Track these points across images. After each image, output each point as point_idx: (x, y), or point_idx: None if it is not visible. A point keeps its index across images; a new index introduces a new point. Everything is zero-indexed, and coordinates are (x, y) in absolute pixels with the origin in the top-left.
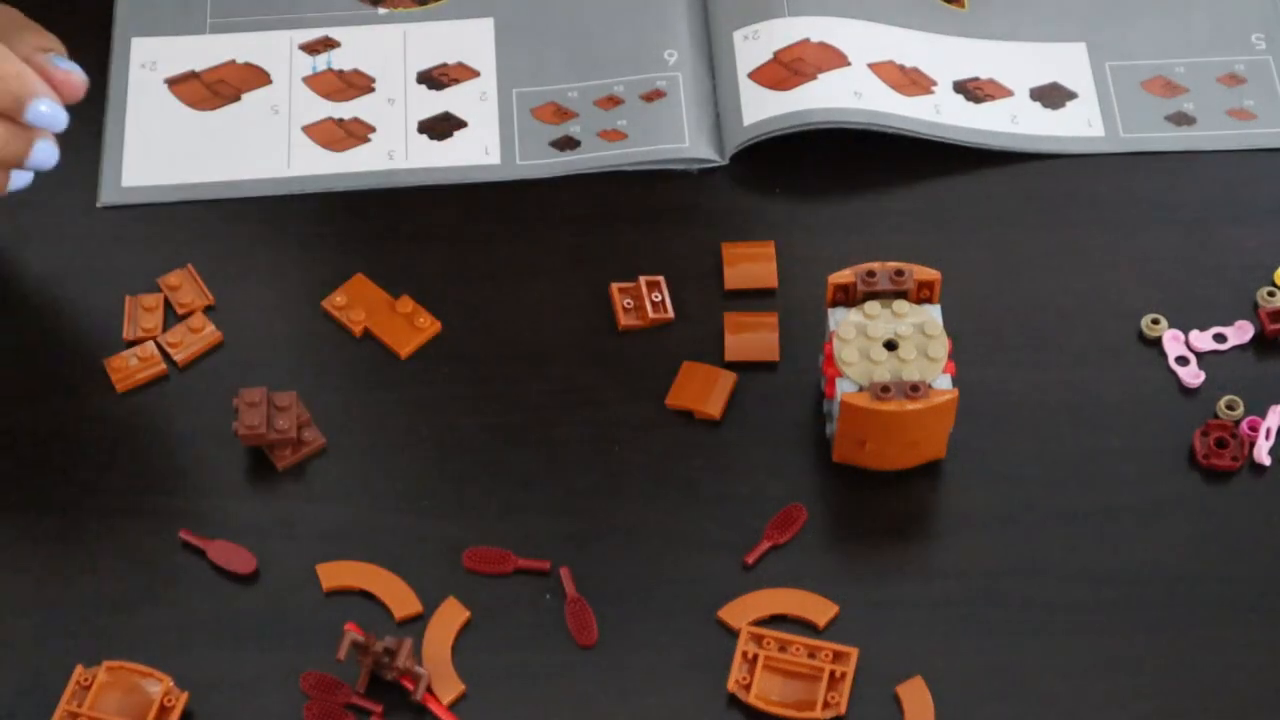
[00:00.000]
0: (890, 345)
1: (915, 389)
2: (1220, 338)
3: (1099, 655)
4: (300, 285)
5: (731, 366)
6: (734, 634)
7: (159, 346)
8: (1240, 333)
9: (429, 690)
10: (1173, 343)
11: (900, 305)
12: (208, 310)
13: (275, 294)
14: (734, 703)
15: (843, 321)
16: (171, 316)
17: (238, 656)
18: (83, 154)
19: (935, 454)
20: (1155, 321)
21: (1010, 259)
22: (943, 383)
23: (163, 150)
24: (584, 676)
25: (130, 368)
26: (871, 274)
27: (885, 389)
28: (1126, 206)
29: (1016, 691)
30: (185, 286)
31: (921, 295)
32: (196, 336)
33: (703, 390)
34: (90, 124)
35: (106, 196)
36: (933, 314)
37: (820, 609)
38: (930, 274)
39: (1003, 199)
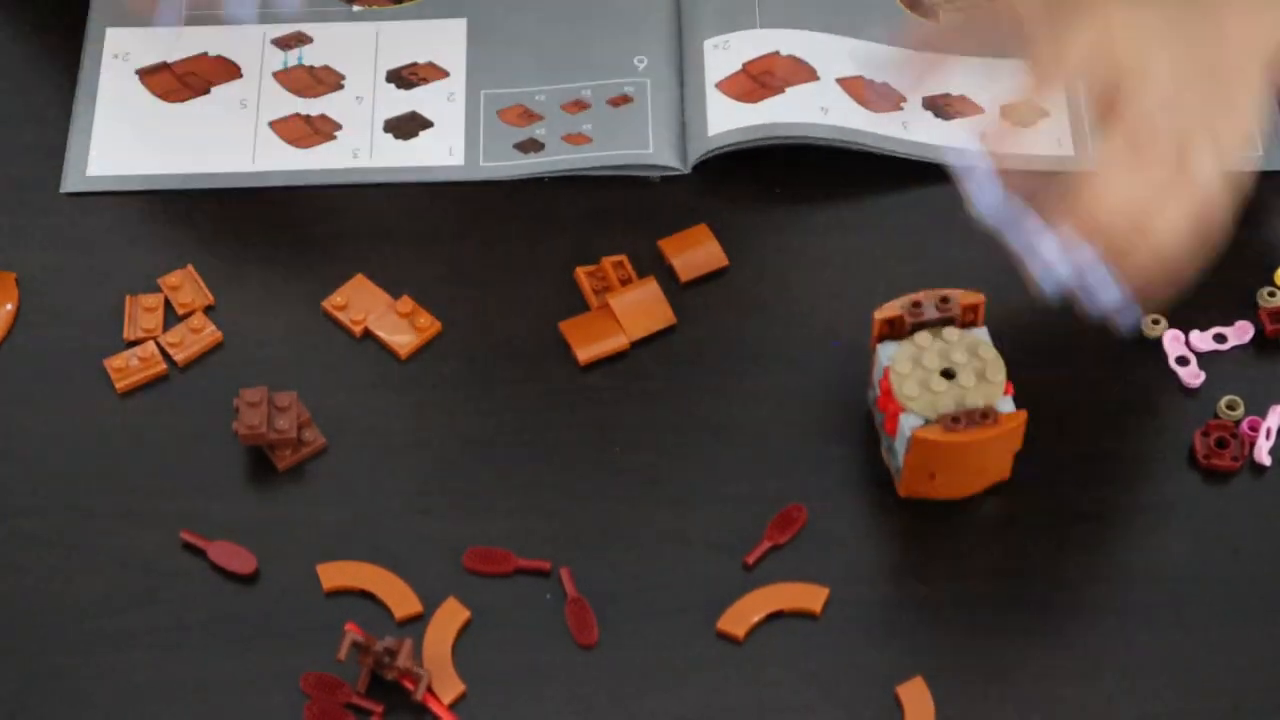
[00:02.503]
0: (947, 374)
1: (985, 415)
2: (1220, 338)
3: (1099, 655)
4: (300, 285)
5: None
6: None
7: (159, 346)
8: (1240, 333)
9: (429, 690)
10: (1173, 343)
11: (949, 332)
12: (208, 310)
13: (275, 294)
14: (735, 703)
15: (897, 355)
16: (171, 316)
17: (238, 656)
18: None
19: (1001, 476)
20: (1155, 321)
21: (1008, 259)
22: (1005, 405)
23: (129, 141)
24: (584, 676)
25: (130, 368)
26: (918, 305)
27: (956, 419)
28: None
29: (1016, 691)
30: (185, 286)
31: (967, 319)
32: (196, 336)
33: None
34: (60, 113)
35: (70, 184)
36: (982, 337)
37: (812, 596)
38: (975, 297)
39: None
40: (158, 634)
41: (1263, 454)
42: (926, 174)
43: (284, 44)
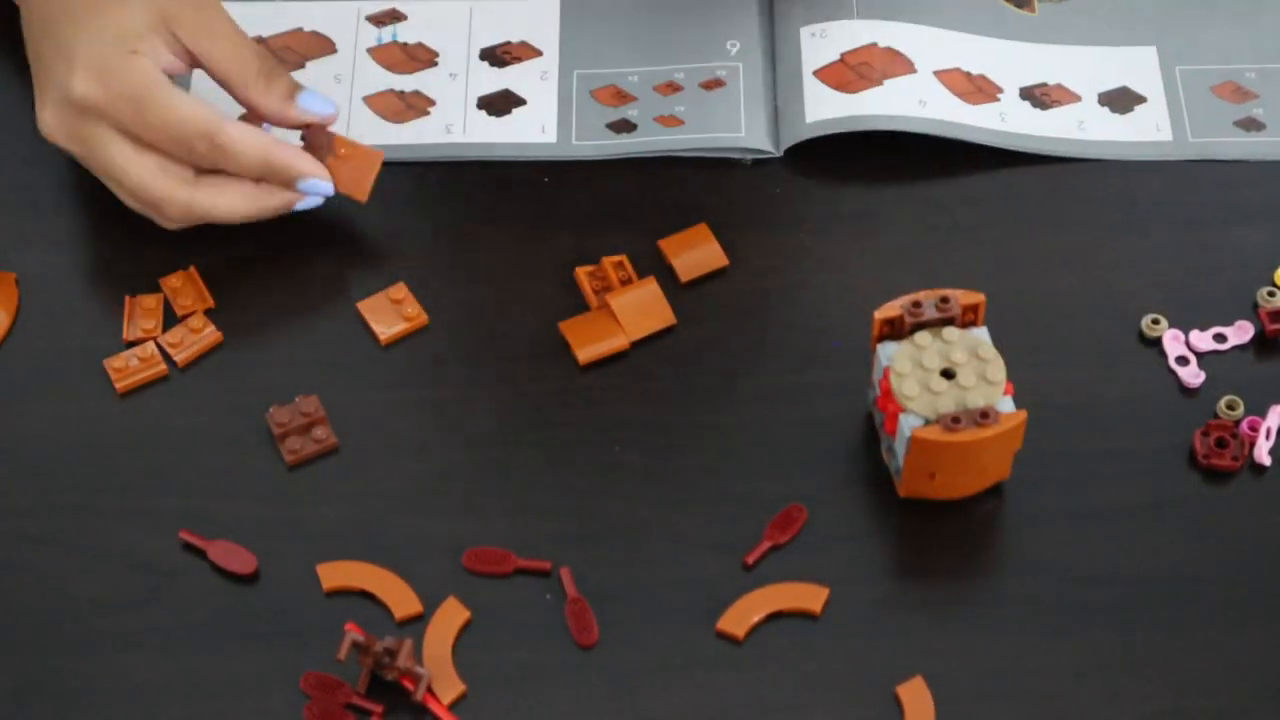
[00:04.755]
0: (947, 374)
1: (985, 415)
2: (1220, 338)
3: (1099, 655)
4: (300, 285)
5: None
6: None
7: (159, 347)
8: (1240, 333)
9: (429, 690)
10: (1173, 343)
11: (950, 332)
12: (207, 311)
13: (275, 295)
14: (735, 703)
15: (897, 355)
16: (171, 317)
17: (238, 656)
18: None
19: (1001, 476)
20: (1155, 321)
21: (1010, 259)
22: (1005, 405)
23: (225, 112)
24: (584, 676)
25: (130, 368)
26: (918, 304)
27: (956, 419)
28: (1126, 207)
29: (1016, 691)
30: (186, 288)
31: (967, 319)
32: (196, 337)
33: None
34: None
35: None
36: (982, 337)
37: (812, 596)
38: (975, 297)
39: (1003, 200)
40: (158, 634)
41: (1262, 454)
42: (957, 163)
43: (378, 21)
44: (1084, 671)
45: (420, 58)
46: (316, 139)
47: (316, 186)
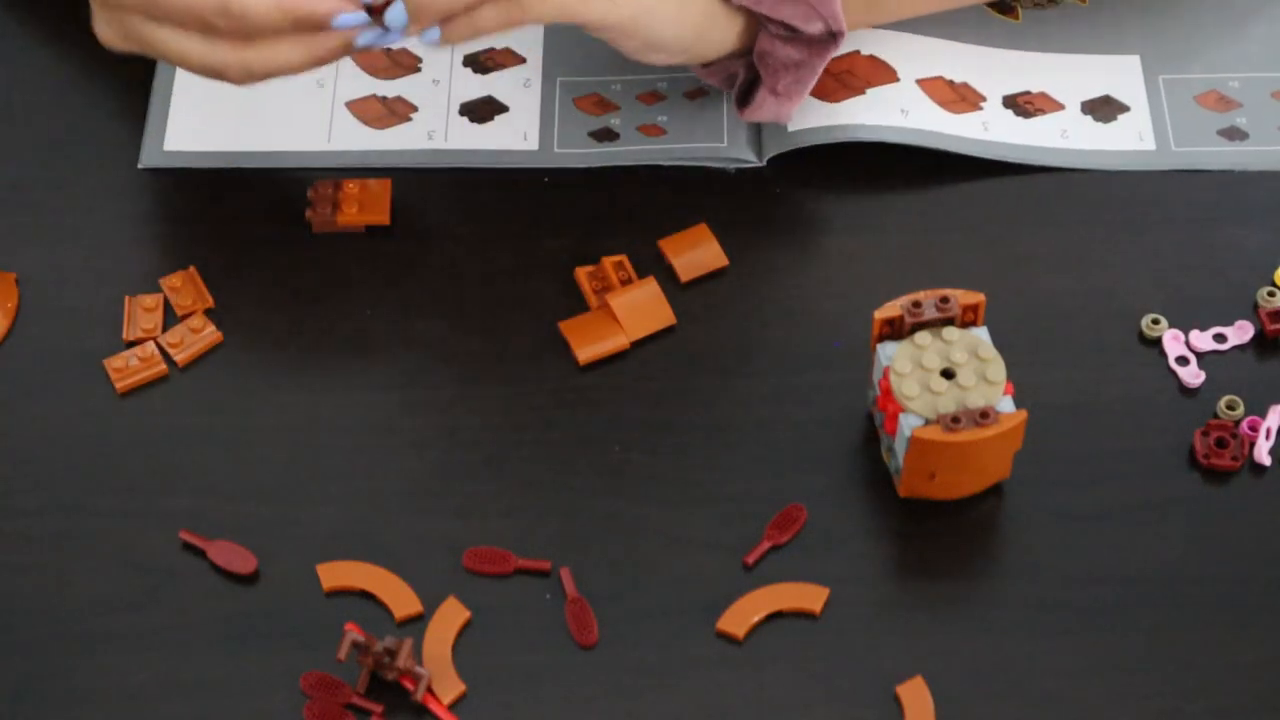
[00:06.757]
0: (947, 373)
1: (985, 415)
2: (1220, 338)
3: (1099, 655)
4: (300, 285)
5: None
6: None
7: (159, 347)
8: (1240, 333)
9: (429, 690)
10: (1173, 343)
11: (950, 332)
12: (207, 311)
13: (275, 294)
14: (735, 703)
15: (897, 355)
16: (171, 317)
17: (238, 656)
18: (123, 123)
19: (1001, 475)
20: (1155, 321)
21: (1010, 259)
22: (1005, 405)
23: (206, 118)
24: (584, 676)
25: (130, 368)
26: (918, 304)
27: (955, 419)
28: (1126, 207)
29: (1016, 691)
30: (186, 288)
31: (967, 319)
32: (196, 337)
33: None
34: (136, 90)
35: (148, 159)
36: (982, 337)
37: (812, 596)
38: (975, 297)
39: (1003, 200)
40: (158, 634)
41: (1262, 454)
42: (960, 163)
43: None
44: (1084, 671)
45: (403, 63)
46: None
47: (349, 20)
